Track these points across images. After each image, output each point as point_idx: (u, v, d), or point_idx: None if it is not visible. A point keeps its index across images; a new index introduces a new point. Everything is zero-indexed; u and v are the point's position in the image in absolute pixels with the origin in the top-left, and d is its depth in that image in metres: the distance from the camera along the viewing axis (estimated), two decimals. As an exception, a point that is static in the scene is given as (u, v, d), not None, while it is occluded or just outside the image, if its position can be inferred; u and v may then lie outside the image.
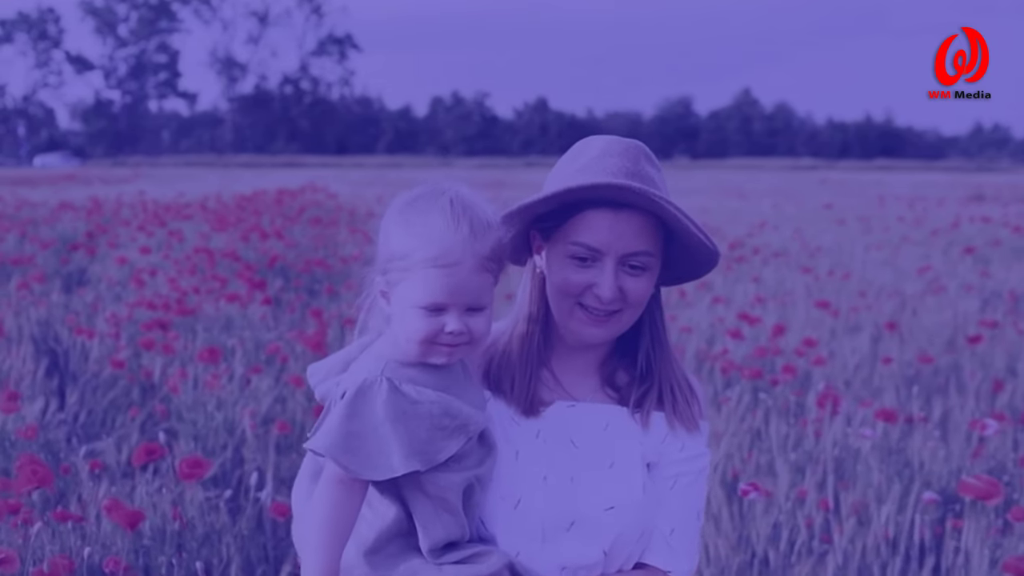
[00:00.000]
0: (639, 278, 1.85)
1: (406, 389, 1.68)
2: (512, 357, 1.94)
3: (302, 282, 10.37)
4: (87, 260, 11.85)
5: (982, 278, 12.01)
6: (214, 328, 7.46)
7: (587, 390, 1.97)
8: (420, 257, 1.67)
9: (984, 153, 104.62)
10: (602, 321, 1.87)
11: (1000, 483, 3.55)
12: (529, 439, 1.89)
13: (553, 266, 1.89)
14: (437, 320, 1.68)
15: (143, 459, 3.68)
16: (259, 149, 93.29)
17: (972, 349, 7.51)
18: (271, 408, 5.67)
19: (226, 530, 3.72)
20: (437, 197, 1.72)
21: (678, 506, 1.94)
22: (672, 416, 1.93)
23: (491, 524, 1.83)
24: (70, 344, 7.22)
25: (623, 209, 1.82)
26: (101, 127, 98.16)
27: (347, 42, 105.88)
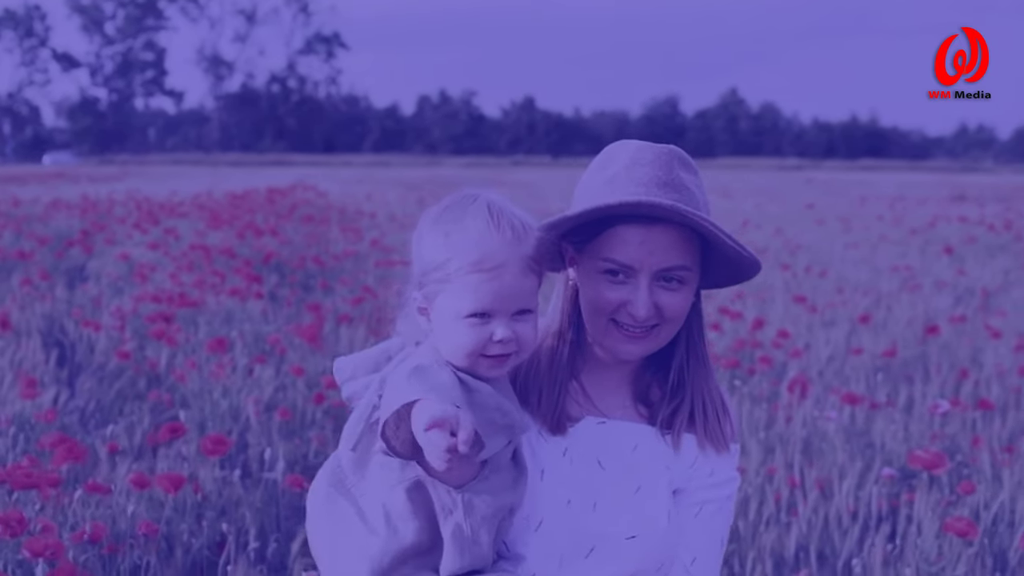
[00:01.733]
0: (676, 293, 1.79)
1: (464, 377, 1.63)
2: (540, 370, 1.88)
3: (297, 278, 10.68)
4: (84, 257, 12.12)
5: (957, 276, 12.36)
6: (215, 321, 7.77)
7: (618, 406, 1.91)
8: (460, 264, 1.62)
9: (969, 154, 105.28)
10: (638, 337, 1.82)
11: (945, 455, 3.88)
12: (556, 458, 1.84)
13: (586, 281, 1.84)
14: (484, 329, 1.63)
15: (167, 436, 4.01)
16: (246, 147, 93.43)
17: (940, 342, 7.87)
18: (273, 396, 5.98)
19: (242, 502, 4.05)
20: (470, 203, 1.68)
21: (702, 534, 1.88)
22: (703, 436, 1.88)
23: (513, 545, 1.79)
24: (76, 337, 7.52)
25: (656, 223, 1.75)
26: (87, 125, 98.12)
27: (334, 41, 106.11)
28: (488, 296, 1.61)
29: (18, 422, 4.90)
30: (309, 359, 6.59)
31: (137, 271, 9.85)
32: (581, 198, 1.82)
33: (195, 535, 3.77)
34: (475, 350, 1.63)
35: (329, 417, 5.66)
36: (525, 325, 1.66)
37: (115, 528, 3.52)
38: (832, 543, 4.16)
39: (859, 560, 3.72)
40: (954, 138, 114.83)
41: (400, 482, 1.65)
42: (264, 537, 3.97)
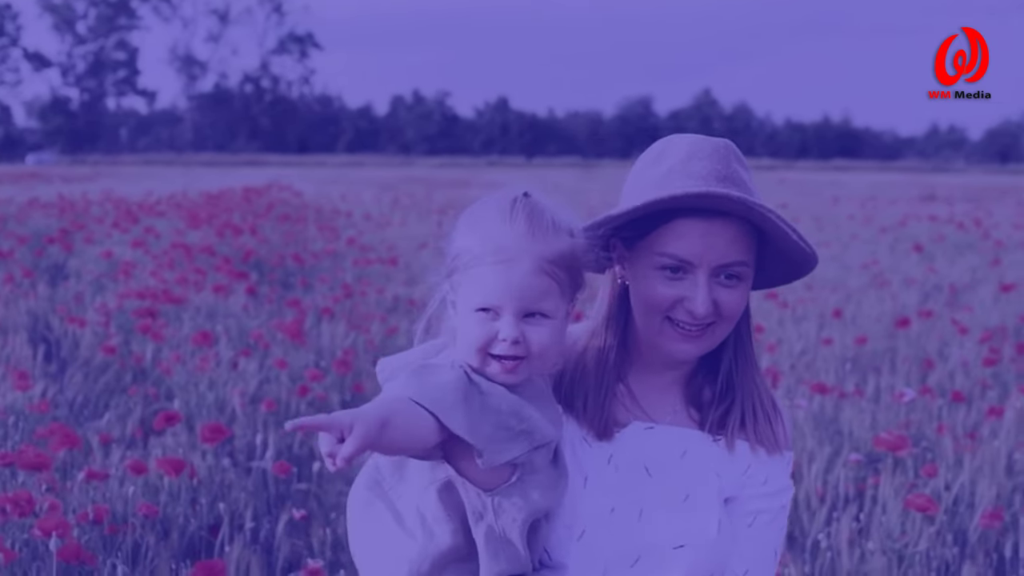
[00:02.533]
0: (734, 289, 1.73)
1: (477, 379, 1.58)
2: (587, 373, 1.82)
3: (276, 276, 10.82)
4: (64, 255, 12.20)
5: (926, 273, 12.60)
6: (198, 317, 7.90)
7: (667, 411, 1.85)
8: (475, 254, 1.58)
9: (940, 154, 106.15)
10: (694, 336, 1.75)
11: (908, 439, 4.06)
12: (600, 465, 1.78)
13: (639, 278, 1.77)
14: (491, 325, 1.58)
15: (163, 425, 4.15)
16: (219, 148, 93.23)
17: (907, 335, 8.08)
18: (258, 389, 6.11)
19: (235, 486, 4.20)
20: (505, 197, 1.63)
21: (755, 545, 1.82)
22: (754, 440, 1.81)
23: (555, 553, 1.74)
24: (62, 333, 7.63)
25: (716, 217, 1.69)
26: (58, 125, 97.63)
27: (308, 41, 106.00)
28: (495, 290, 1.56)
29: (12, 413, 5.03)
30: (292, 353, 6.72)
31: (119, 269, 9.95)
32: (632, 193, 1.76)
33: (191, 518, 3.92)
34: (482, 346, 1.58)
35: (313, 409, 5.79)
36: (536, 329, 1.58)
37: (114, 511, 3.66)
38: (801, 524, 4.34)
39: (824, 536, 3.90)
40: (925, 138, 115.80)
41: (431, 483, 1.62)
42: (257, 519, 4.12)
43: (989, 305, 10.20)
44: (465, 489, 1.60)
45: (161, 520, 3.84)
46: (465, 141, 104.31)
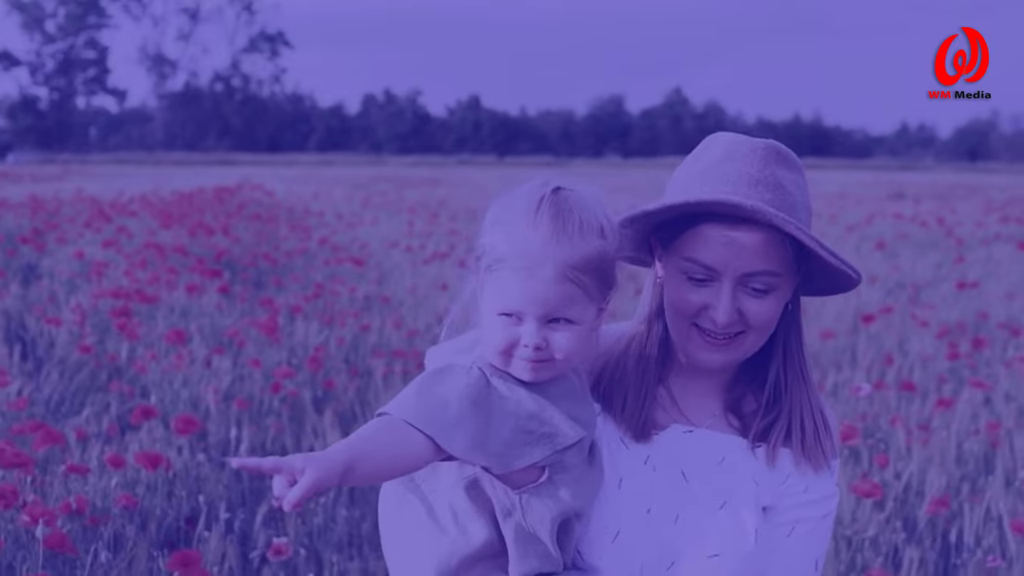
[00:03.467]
0: (762, 300, 1.67)
1: (496, 382, 1.56)
2: (627, 372, 1.79)
3: (249, 275, 10.92)
4: (37, 255, 12.25)
5: (890, 271, 12.81)
6: (172, 316, 8.00)
7: (706, 415, 1.81)
8: (497, 255, 1.55)
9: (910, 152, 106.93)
10: (721, 345, 1.71)
11: (858, 428, 4.23)
12: (636, 466, 1.75)
13: (669, 281, 1.74)
14: (514, 330, 1.55)
15: (140, 419, 4.28)
16: (189, 147, 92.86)
17: (870, 331, 8.27)
18: (231, 386, 6.23)
19: (211, 479, 4.33)
20: (534, 192, 1.58)
21: (794, 556, 1.77)
22: (800, 454, 1.75)
23: (588, 555, 1.72)
24: (37, 332, 7.71)
25: (742, 224, 1.63)
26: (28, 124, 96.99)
27: (279, 39, 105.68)
28: (517, 296, 1.53)
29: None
30: (266, 351, 6.84)
31: (92, 269, 10.03)
32: (672, 190, 1.74)
33: (168, 510, 4.04)
34: (504, 349, 1.56)
35: (286, 405, 5.92)
36: (561, 335, 1.55)
37: (94, 504, 3.78)
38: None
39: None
40: (896, 137, 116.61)
41: (460, 480, 1.61)
42: (233, 511, 4.25)
43: (951, 302, 10.41)
44: (493, 487, 1.59)
45: (139, 512, 3.96)
46: (437, 140, 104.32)
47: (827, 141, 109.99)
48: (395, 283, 10.89)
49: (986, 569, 3.83)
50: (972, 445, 5.08)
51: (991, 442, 5.12)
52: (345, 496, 4.61)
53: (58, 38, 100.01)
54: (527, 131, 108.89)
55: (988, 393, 6.11)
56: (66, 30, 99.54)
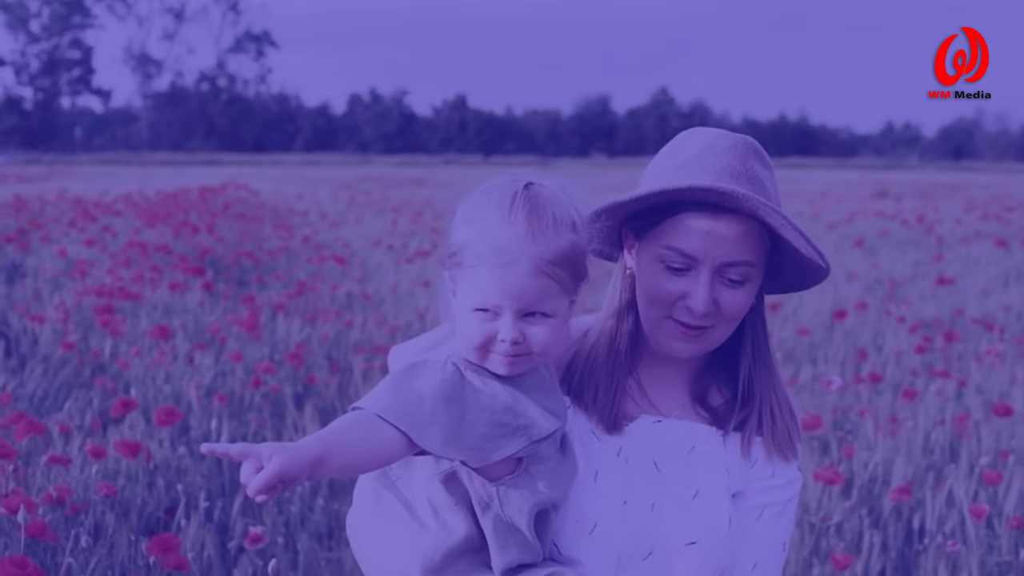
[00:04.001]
0: (737, 291, 1.70)
1: (470, 376, 1.58)
2: (597, 365, 1.81)
3: (232, 273, 10.99)
4: (21, 255, 12.30)
5: (869, 268, 12.93)
6: (155, 314, 8.07)
7: (675, 405, 1.84)
8: (472, 252, 1.56)
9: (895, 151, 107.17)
10: (693, 336, 1.74)
11: (822, 418, 4.33)
12: (610, 458, 1.78)
13: (644, 270, 1.75)
14: (491, 325, 1.57)
15: (120, 411, 4.35)
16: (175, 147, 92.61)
17: (844, 327, 8.39)
18: (213, 381, 6.31)
19: (191, 470, 4.41)
20: (506, 188, 1.60)
21: (763, 539, 1.82)
22: (770, 444, 1.81)
23: (566, 548, 1.74)
24: (20, 330, 7.78)
25: (724, 214, 1.67)
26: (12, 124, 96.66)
27: (264, 39, 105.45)
28: (493, 292, 1.55)
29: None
30: (248, 347, 6.92)
31: (76, 267, 10.09)
32: (649, 183, 1.74)
33: (148, 500, 4.12)
34: (481, 345, 1.57)
35: (267, 401, 6.00)
36: (537, 328, 1.57)
37: (75, 494, 3.85)
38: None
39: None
40: (881, 136, 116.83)
41: (437, 474, 1.63)
42: (212, 500, 4.33)
43: (928, 298, 10.54)
44: (470, 479, 1.61)
45: (120, 502, 4.04)
46: (423, 139, 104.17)
47: (813, 140, 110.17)
48: (378, 281, 10.97)
49: (945, 554, 3.94)
50: (939, 435, 5.19)
51: (958, 433, 5.23)
52: (325, 487, 4.70)
53: (43, 38, 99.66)
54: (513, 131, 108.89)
55: (960, 387, 6.22)
56: (51, 30, 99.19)
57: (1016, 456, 4.90)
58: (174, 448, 4.95)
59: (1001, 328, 8.59)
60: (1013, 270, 12.80)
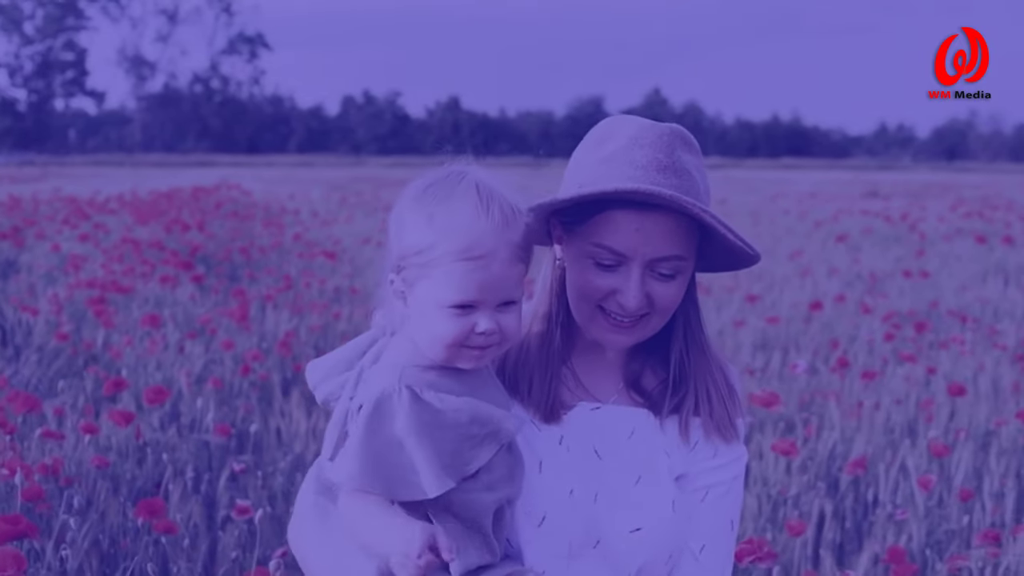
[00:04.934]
0: (669, 284, 1.70)
1: (428, 397, 1.56)
2: (530, 356, 1.81)
3: (223, 269, 11.18)
4: (15, 251, 12.48)
5: (852, 263, 13.14)
6: (147, 306, 8.26)
7: (611, 391, 1.84)
8: (445, 250, 1.54)
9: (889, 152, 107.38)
10: (626, 328, 1.73)
11: (779, 395, 4.53)
12: (553, 447, 1.77)
13: (573, 265, 1.75)
14: (467, 320, 1.56)
15: (112, 390, 4.55)
16: (168, 148, 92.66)
17: (822, 319, 8.60)
18: (203, 369, 6.50)
19: (179, 447, 4.61)
20: (458, 182, 1.59)
21: (709, 520, 1.81)
22: (709, 424, 1.79)
23: (516, 541, 1.73)
24: (15, 321, 7.96)
25: (652, 210, 1.65)
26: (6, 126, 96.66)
27: (258, 41, 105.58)
28: (474, 287, 1.54)
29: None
30: (237, 337, 7.11)
31: (69, 262, 10.28)
32: (574, 174, 1.75)
33: (138, 475, 4.32)
34: (456, 341, 1.57)
35: (255, 388, 6.19)
36: (509, 316, 1.59)
37: (68, 467, 4.04)
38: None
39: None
40: (874, 137, 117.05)
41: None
42: (198, 475, 4.52)
43: (907, 292, 10.75)
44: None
45: (111, 476, 4.23)
46: (416, 141, 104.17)
47: (806, 141, 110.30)
48: (367, 276, 11.14)
49: (895, 521, 4.14)
50: (898, 416, 5.40)
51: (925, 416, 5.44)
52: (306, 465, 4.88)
53: (36, 40, 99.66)
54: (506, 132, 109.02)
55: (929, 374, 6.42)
56: (44, 32, 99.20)
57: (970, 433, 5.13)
58: (164, 431, 5.14)
59: (975, 319, 8.81)
60: (992, 266, 13.02)
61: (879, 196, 30.51)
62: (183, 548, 3.55)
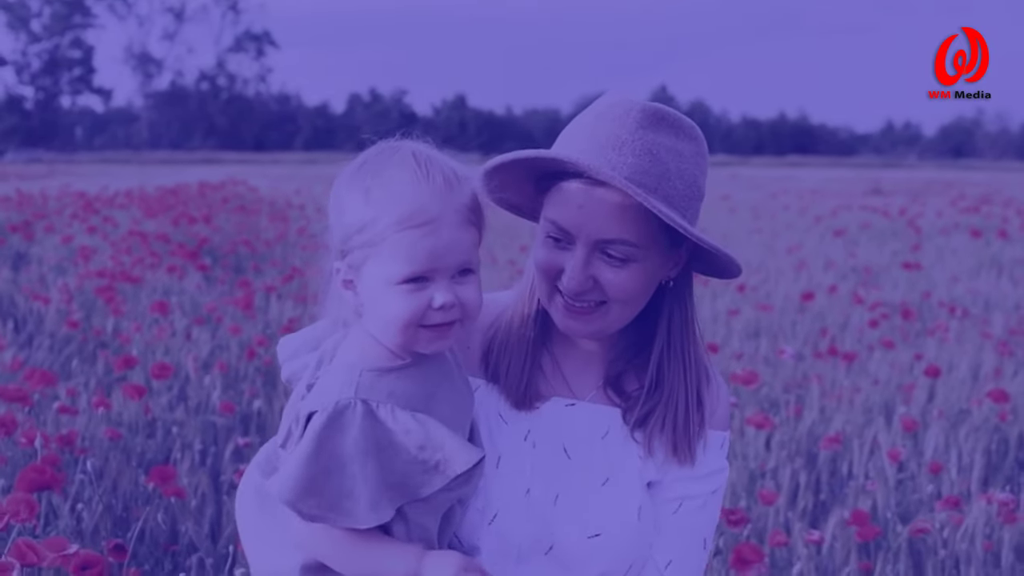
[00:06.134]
0: (620, 270, 1.60)
1: (382, 414, 1.48)
2: (510, 339, 1.74)
3: (229, 261, 11.40)
4: (26, 244, 12.70)
5: (848, 257, 13.32)
6: (155, 295, 8.48)
7: (589, 387, 1.75)
8: (388, 222, 1.46)
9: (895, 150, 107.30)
10: (580, 314, 1.64)
11: (757, 374, 4.74)
12: (515, 443, 1.69)
13: (537, 238, 1.68)
14: (422, 295, 1.47)
15: (122, 367, 4.77)
16: (175, 146, 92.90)
17: (814, 309, 8.81)
18: (209, 355, 6.71)
19: (186, 424, 4.83)
20: (392, 153, 1.53)
21: (680, 534, 1.71)
22: (670, 448, 1.70)
23: (467, 537, 1.67)
24: (27, 310, 8.19)
25: (598, 186, 1.57)
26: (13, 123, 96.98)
27: (264, 39, 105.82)
28: (424, 255, 1.46)
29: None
30: (243, 324, 7.32)
31: (79, 254, 10.51)
32: (558, 142, 1.68)
33: (147, 448, 4.54)
34: (412, 320, 1.48)
35: (260, 373, 6.40)
36: (468, 287, 1.50)
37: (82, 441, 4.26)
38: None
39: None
40: (881, 135, 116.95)
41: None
42: (205, 448, 4.74)
43: (901, 283, 10.94)
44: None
45: (122, 449, 4.45)
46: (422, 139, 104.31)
47: (812, 139, 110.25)
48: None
49: (865, 491, 4.35)
50: (875, 396, 5.61)
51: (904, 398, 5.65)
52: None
53: (44, 38, 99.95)
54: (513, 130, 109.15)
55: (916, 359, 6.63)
56: (51, 30, 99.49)
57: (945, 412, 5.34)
58: (172, 411, 5.35)
59: (964, 310, 9.00)
60: (987, 259, 13.19)
61: (882, 193, 30.62)
62: (191, 511, 3.77)
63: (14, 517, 2.56)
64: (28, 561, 2.36)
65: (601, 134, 1.58)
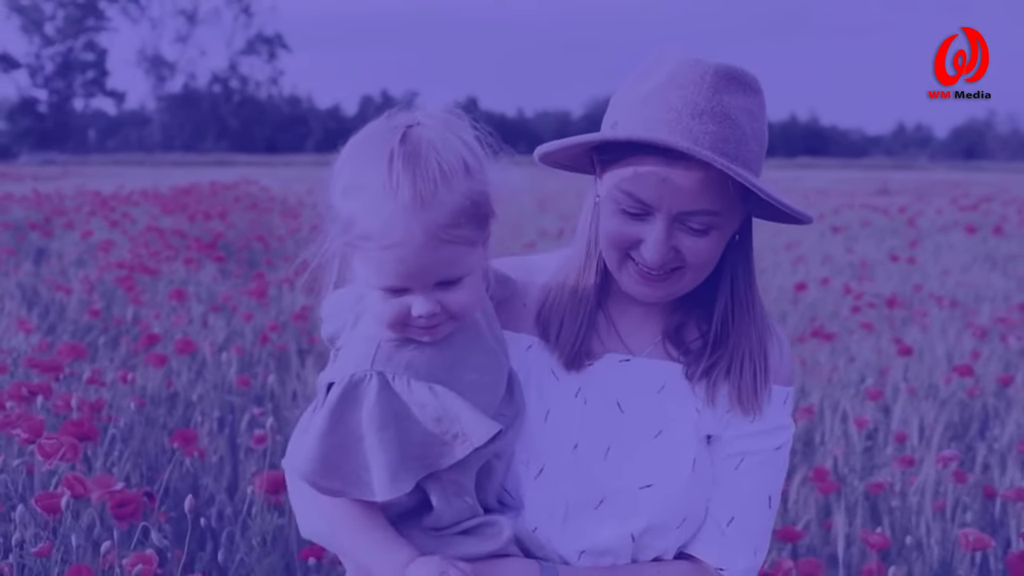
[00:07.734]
0: (701, 238, 1.57)
1: (398, 386, 1.46)
2: (563, 299, 1.70)
3: (243, 257, 11.78)
4: (45, 240, 13.07)
5: (845, 253, 13.59)
6: (173, 286, 8.85)
7: (647, 342, 1.72)
8: (361, 232, 1.41)
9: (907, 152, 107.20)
10: (655, 280, 1.61)
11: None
12: (565, 398, 1.67)
13: (604, 208, 1.62)
14: (401, 303, 1.44)
15: (146, 344, 5.13)
16: (188, 148, 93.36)
17: (807, 300, 9.13)
18: (226, 340, 7.07)
19: (205, 398, 5.20)
20: (381, 142, 1.44)
21: (742, 491, 1.66)
22: (735, 397, 1.66)
23: (514, 490, 1.64)
24: (50, 300, 8.56)
25: (679, 161, 1.51)
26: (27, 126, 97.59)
27: (276, 41, 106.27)
28: (393, 274, 1.41)
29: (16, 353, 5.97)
30: (256, 312, 7.68)
31: (98, 248, 10.90)
32: (612, 111, 1.64)
33: (169, 419, 4.90)
34: (395, 323, 1.45)
35: (273, 358, 6.75)
36: (454, 294, 1.44)
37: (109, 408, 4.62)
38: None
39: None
40: (892, 137, 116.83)
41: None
42: (223, 419, 5.10)
43: (894, 276, 11.23)
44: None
45: (147, 418, 4.80)
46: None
47: (823, 141, 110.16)
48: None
49: (832, 456, 4.69)
50: (851, 374, 5.94)
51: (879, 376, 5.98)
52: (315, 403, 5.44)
53: (57, 40, 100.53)
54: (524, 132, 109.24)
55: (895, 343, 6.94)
56: (65, 33, 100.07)
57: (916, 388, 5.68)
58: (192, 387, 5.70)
59: (952, 300, 9.30)
60: (982, 255, 13.46)
61: (889, 193, 30.80)
62: (211, 466, 4.13)
63: (62, 457, 2.91)
64: (77, 493, 2.71)
65: (676, 101, 1.54)
